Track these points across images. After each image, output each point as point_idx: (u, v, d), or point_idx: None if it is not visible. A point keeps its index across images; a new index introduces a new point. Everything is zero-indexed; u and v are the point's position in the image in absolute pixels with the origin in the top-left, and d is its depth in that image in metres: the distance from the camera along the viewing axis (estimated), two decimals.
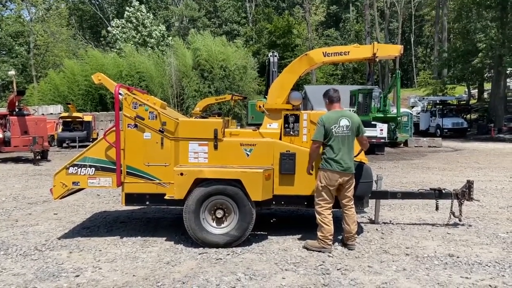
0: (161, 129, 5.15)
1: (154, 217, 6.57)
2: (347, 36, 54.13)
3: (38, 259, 4.64)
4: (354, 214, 4.98)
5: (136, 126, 5.16)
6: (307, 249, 4.87)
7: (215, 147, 5.14)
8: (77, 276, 4.16)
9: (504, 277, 4.11)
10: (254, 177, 4.85)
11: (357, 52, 5.66)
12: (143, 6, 41.17)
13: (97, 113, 27.67)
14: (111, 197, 8.23)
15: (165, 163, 5.16)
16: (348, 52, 5.65)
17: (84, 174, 5.18)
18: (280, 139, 5.38)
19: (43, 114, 27.11)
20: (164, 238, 5.38)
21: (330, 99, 5.04)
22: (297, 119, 5.39)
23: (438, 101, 31.60)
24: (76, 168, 5.19)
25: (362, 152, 5.37)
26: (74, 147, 21.44)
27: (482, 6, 30.23)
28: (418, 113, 32.83)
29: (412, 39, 57.84)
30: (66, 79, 31.70)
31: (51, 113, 28.23)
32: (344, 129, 4.80)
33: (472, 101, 40.14)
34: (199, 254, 4.75)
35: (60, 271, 4.27)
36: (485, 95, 41.92)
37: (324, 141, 4.81)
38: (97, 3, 56.75)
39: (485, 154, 17.98)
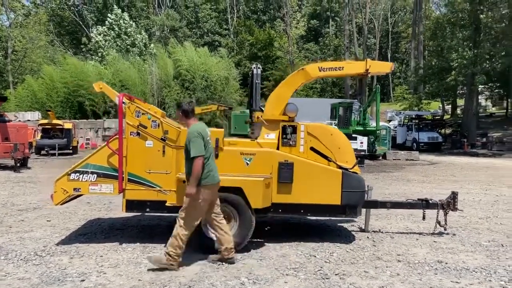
0: (163, 137, 5.28)
1: (149, 225, 6.65)
2: (327, 51, 55.15)
3: (40, 264, 4.68)
4: (225, 222, 4.86)
5: (138, 134, 5.28)
6: (152, 266, 4.52)
7: (216, 156, 5.29)
8: (83, 280, 4.23)
9: (491, 281, 4.39)
10: (255, 185, 5.04)
11: (351, 67, 5.98)
12: (126, 14, 41.04)
13: (76, 121, 27.38)
14: (102, 205, 8.25)
15: (166, 171, 5.28)
16: (342, 67, 5.95)
17: (86, 181, 5.26)
18: (278, 149, 5.59)
19: (19, 120, 26.65)
20: (163, 245, 5.42)
21: (187, 113, 4.73)
22: (294, 130, 5.62)
23: (414, 116, 32.47)
24: (78, 174, 5.26)
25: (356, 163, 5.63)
26: (54, 154, 21.12)
27: (456, 25, 31.43)
28: (395, 127, 33.65)
29: (389, 55, 59.36)
30: (44, 85, 31.32)
31: (29, 120, 27.75)
32: (210, 140, 4.71)
33: (446, 117, 41.42)
34: (200, 259, 4.87)
35: (64, 276, 4.33)
36: (458, 110, 43.37)
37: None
38: (77, 9, 56.21)
39: (460, 167, 18.59)
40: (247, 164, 5.33)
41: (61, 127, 22.38)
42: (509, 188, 12.04)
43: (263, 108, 6.23)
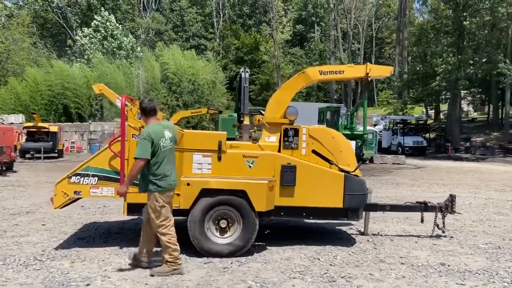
0: None
1: None
2: (312, 55, 55.49)
3: (41, 269, 4.58)
4: None
5: None
6: (159, 276, 4.40)
7: (219, 158, 5.27)
8: (88, 285, 4.16)
9: (494, 283, 4.45)
10: (259, 188, 5.03)
11: (351, 71, 6.01)
12: (112, 16, 40.60)
13: (61, 124, 26.97)
14: (96, 208, 8.13)
15: None
16: (343, 71, 5.99)
17: (87, 184, 5.17)
18: (279, 151, 5.58)
19: (2, 123, 26.14)
20: None
21: (145, 111, 4.59)
22: (296, 133, 5.62)
23: (399, 120, 32.87)
24: (78, 177, 5.16)
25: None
26: (39, 158, 20.74)
27: (441, 32, 31.98)
28: (381, 131, 33.98)
29: (373, 60, 59.99)
30: (28, 88, 30.76)
31: (12, 123, 27.20)
32: (169, 141, 4.52)
33: (429, 121, 42.06)
34: (205, 263, 4.83)
35: (68, 280, 4.24)
36: (441, 115, 44.12)
37: (152, 158, 4.37)
38: (60, 11, 55.47)
39: (446, 171, 18.86)
40: (250, 167, 5.31)
41: (47, 130, 22.02)
42: (496, 191, 12.25)
43: (262, 112, 6.22)
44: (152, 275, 4.43)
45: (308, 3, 58.35)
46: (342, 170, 5.54)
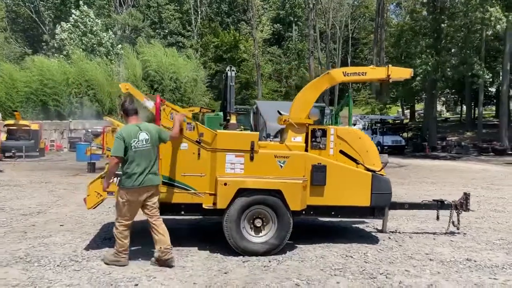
0: (198, 140, 5.26)
1: (170, 228, 6.51)
2: (290, 55, 55.84)
3: (81, 270, 4.54)
4: (163, 223, 4.86)
5: None
6: (105, 263, 4.75)
7: (251, 158, 5.32)
8: (136, 285, 4.15)
9: None
10: (294, 188, 5.12)
11: (373, 73, 6.16)
12: (91, 11, 39.65)
13: (40, 121, 26.25)
14: (106, 209, 7.97)
15: (201, 174, 5.26)
16: (365, 73, 6.12)
17: None
18: (306, 151, 5.68)
19: None
20: (196, 248, 5.44)
21: (126, 112, 4.86)
22: (324, 133, 5.74)
23: (379, 120, 33.58)
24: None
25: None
26: (21, 156, 20.15)
27: (419, 34, 32.83)
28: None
29: (349, 60, 60.89)
30: (4, 84, 29.77)
31: None
32: (144, 143, 4.67)
33: (405, 121, 43.13)
34: (243, 262, 4.89)
35: (115, 281, 4.23)
36: (416, 115, 45.32)
37: (124, 156, 4.62)
38: (33, 5, 53.81)
39: (428, 170, 19.39)
40: (281, 166, 5.38)
41: (28, 128, 21.41)
42: (483, 189, 12.69)
43: (282, 112, 6.27)
44: (103, 261, 4.77)
45: (286, 2, 58.65)
46: (368, 170, 5.68)
